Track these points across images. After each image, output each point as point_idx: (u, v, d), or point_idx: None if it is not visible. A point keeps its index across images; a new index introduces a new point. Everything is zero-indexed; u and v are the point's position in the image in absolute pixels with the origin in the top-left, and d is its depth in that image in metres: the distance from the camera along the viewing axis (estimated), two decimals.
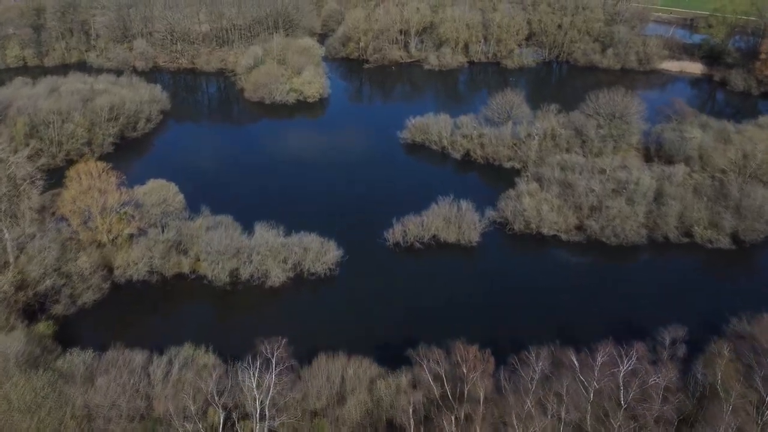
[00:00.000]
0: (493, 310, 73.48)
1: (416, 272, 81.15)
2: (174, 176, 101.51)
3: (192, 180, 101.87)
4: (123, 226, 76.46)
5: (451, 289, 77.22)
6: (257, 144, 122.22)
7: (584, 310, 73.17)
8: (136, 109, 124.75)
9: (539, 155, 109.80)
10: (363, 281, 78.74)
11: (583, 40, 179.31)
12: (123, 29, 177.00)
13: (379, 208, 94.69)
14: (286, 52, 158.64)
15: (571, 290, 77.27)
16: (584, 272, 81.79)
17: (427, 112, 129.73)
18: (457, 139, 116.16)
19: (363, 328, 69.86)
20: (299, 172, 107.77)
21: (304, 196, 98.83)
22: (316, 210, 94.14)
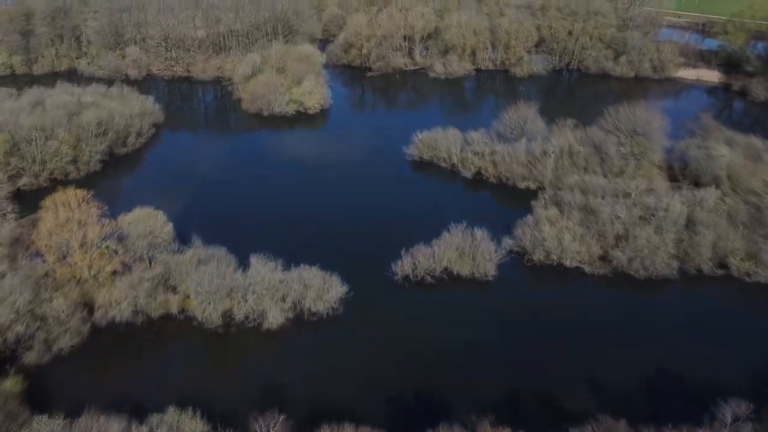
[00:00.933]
0: (516, 358, 66.21)
1: (428, 311, 73.90)
2: (164, 197, 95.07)
3: (183, 202, 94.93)
4: (105, 262, 69.20)
5: (467, 332, 69.94)
6: (254, 161, 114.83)
7: (618, 359, 65.85)
8: (126, 124, 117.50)
9: (556, 174, 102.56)
10: (370, 322, 71.46)
11: (595, 47, 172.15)
12: (115, 35, 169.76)
13: (386, 234, 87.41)
14: (285, 60, 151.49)
15: (600, 335, 70.00)
16: (613, 311, 74.51)
17: (434, 125, 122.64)
18: (468, 157, 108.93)
19: (370, 385, 62.54)
20: (299, 193, 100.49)
21: (304, 220, 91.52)
22: (318, 236, 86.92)
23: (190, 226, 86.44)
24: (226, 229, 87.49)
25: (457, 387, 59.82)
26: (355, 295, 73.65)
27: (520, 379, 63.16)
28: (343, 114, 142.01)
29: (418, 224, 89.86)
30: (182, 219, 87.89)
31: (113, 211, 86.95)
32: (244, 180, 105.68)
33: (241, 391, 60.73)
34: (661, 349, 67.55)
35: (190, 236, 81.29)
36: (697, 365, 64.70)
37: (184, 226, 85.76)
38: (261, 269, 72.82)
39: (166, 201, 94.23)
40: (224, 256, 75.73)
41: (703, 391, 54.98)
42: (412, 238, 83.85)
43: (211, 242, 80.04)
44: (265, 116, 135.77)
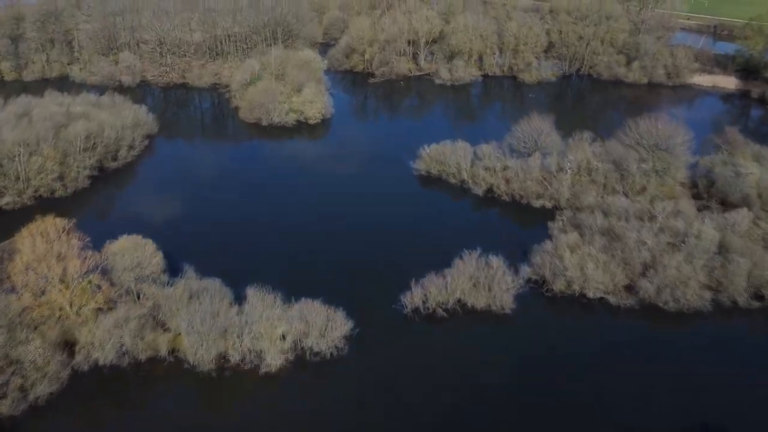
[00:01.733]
0: (537, 400, 60.17)
1: (440, 349, 67.73)
2: (155, 219, 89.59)
3: (175, 225, 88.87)
4: (87, 299, 62.98)
5: (483, 373, 63.91)
6: (252, 178, 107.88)
7: (648, 401, 59.80)
8: (116, 136, 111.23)
9: (573, 192, 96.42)
10: (377, 363, 65.30)
11: (607, 52, 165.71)
12: (109, 40, 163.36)
13: (393, 260, 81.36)
14: (285, 67, 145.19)
15: (628, 374, 63.89)
16: (641, 347, 68.24)
17: (441, 136, 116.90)
18: (479, 172, 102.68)
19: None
20: (299, 214, 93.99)
21: (305, 244, 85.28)
22: (320, 263, 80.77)
23: (182, 252, 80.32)
24: (220, 256, 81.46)
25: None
26: (361, 331, 67.55)
27: (541, 425, 57.13)
28: (346, 124, 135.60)
29: (427, 249, 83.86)
30: (174, 244, 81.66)
31: (100, 235, 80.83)
32: (241, 199, 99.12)
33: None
34: (694, 390, 61.53)
35: (182, 264, 75.15)
36: (734, 408, 58.73)
37: (175, 252, 79.59)
38: (258, 305, 66.62)
39: (156, 223, 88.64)
40: (218, 288, 69.45)
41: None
42: (421, 265, 77.93)
43: (204, 271, 73.87)
44: (264, 126, 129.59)
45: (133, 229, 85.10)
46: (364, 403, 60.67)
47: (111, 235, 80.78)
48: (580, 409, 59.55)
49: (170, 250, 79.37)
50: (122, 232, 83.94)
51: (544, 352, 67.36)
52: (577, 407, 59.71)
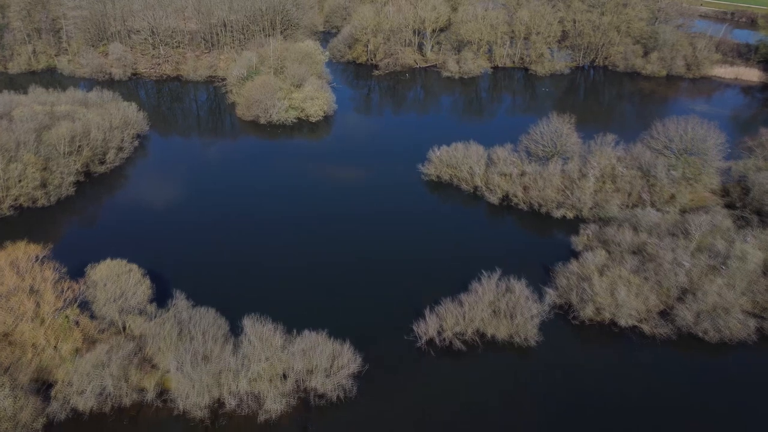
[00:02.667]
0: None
1: (458, 387, 60.85)
2: (144, 234, 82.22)
3: (165, 241, 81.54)
4: (64, 337, 56.07)
5: (506, 414, 57.21)
6: (248, 185, 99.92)
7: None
8: (104, 138, 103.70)
9: (596, 201, 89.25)
10: (388, 404, 58.54)
11: (623, 42, 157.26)
12: (98, 29, 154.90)
13: (404, 283, 74.34)
14: (284, 59, 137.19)
15: (665, 412, 57.18)
16: (679, 382, 61.52)
17: (450, 135, 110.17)
18: (494, 178, 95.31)
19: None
20: (300, 229, 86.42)
21: (307, 265, 77.92)
22: (324, 287, 73.59)
23: (171, 272, 73.62)
24: (214, 278, 74.37)
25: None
26: (370, 369, 60.76)
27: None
28: (349, 122, 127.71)
29: (440, 268, 76.87)
30: (163, 264, 74.88)
31: (83, 252, 74.44)
32: (236, 211, 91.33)
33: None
34: (738, 429, 55.01)
35: (172, 288, 68.19)
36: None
37: (165, 272, 72.96)
38: (256, 340, 59.74)
39: (145, 239, 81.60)
40: (212, 320, 62.51)
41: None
42: (435, 286, 71.50)
43: (197, 295, 66.94)
44: (262, 125, 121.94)
45: (120, 246, 79.10)
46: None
47: (95, 253, 74.33)
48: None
49: (159, 271, 72.88)
50: (107, 249, 77.57)
51: (572, 391, 60.59)
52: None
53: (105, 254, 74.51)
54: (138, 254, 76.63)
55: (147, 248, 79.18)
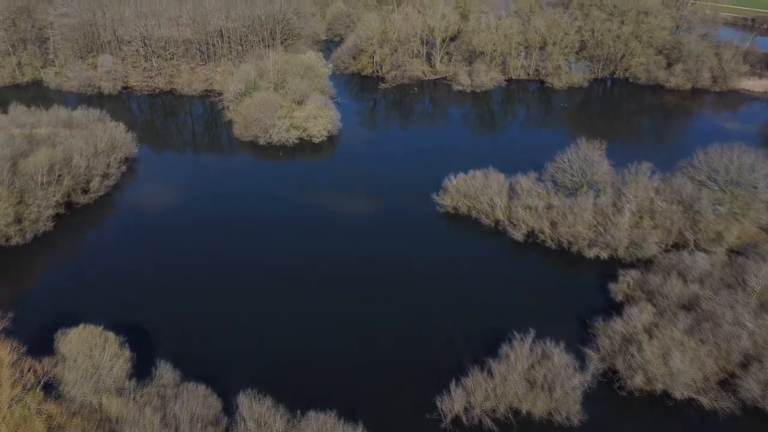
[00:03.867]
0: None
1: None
2: (125, 285, 72.97)
3: (149, 293, 72.04)
4: (25, 429, 46.84)
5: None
6: (245, 218, 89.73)
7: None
8: (87, 165, 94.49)
9: (632, 239, 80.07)
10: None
11: (645, 53, 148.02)
12: (87, 39, 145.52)
13: (421, 342, 65.16)
14: (285, 73, 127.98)
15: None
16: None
17: (465, 157, 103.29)
18: (517, 211, 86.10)
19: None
20: (301, 274, 76.86)
21: (310, 325, 68.35)
22: (331, 351, 64.11)
23: (157, 330, 64.44)
24: (207, 337, 65.05)
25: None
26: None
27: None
28: (354, 142, 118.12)
29: (463, 323, 67.69)
30: (147, 320, 65.65)
31: (54, 312, 65.34)
32: (231, 252, 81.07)
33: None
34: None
35: (156, 350, 59.40)
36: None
37: (148, 330, 63.85)
38: (253, 425, 50.60)
39: (127, 288, 72.26)
40: (202, 397, 53.42)
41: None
42: (457, 346, 63.05)
43: (185, 362, 58.05)
44: (261, 146, 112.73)
45: (99, 297, 70.21)
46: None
47: (69, 307, 66.15)
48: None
49: (142, 325, 63.94)
50: (83, 302, 68.97)
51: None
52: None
53: (80, 308, 66.09)
54: (119, 307, 67.95)
55: (130, 299, 70.07)
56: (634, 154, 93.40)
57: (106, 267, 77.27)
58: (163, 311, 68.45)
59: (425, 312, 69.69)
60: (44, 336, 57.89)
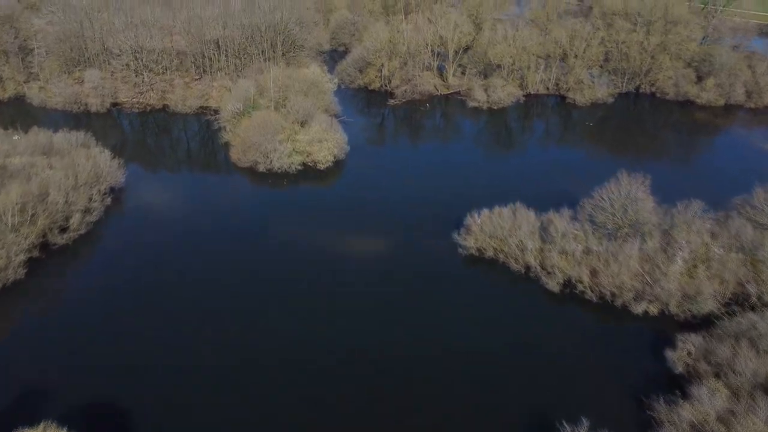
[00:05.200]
0: None
1: None
2: (103, 344, 62.95)
3: (132, 364, 61.71)
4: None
5: None
6: (240, 263, 79.14)
7: None
8: (66, 200, 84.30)
9: (685, 292, 69.91)
10: None
11: (673, 66, 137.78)
12: (74, 51, 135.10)
13: (445, 420, 55.09)
14: (287, 89, 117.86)
15: None
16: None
17: (485, 184, 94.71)
18: (551, 256, 75.92)
19: None
20: (302, 339, 66.74)
21: (315, 401, 58.70)
22: (343, 417, 54.37)
23: (134, 411, 54.27)
24: (189, 417, 54.91)
25: None
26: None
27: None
28: (363, 168, 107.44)
29: (495, 394, 57.65)
30: (128, 412, 55.45)
31: (13, 397, 55.29)
32: (223, 305, 70.87)
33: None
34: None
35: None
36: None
37: (126, 411, 53.73)
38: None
39: (104, 357, 61.98)
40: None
41: None
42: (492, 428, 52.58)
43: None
44: (261, 173, 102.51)
45: (69, 370, 59.91)
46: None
47: (34, 384, 56.04)
48: None
49: (120, 404, 53.72)
50: (51, 378, 58.83)
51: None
52: None
53: (48, 386, 56.11)
54: (97, 380, 57.87)
55: (106, 372, 59.88)
56: (670, 183, 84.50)
57: (83, 324, 67.09)
58: (151, 387, 58.24)
59: (446, 383, 59.53)
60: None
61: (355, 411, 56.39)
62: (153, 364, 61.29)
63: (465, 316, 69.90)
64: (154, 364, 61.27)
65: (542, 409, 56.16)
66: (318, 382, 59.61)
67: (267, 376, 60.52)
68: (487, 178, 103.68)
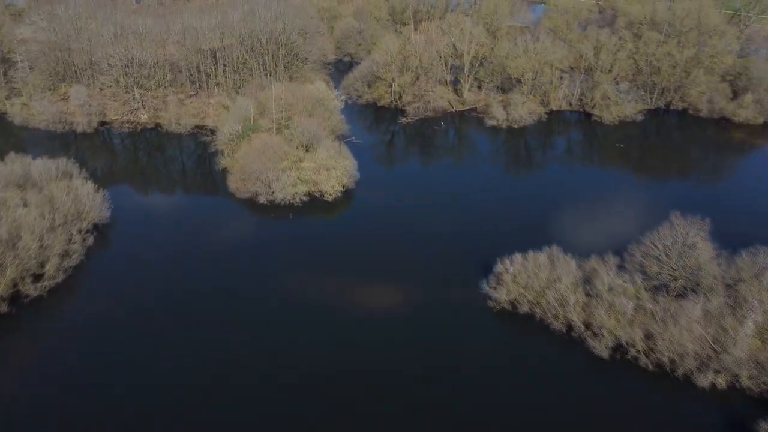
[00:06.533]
0: None
1: None
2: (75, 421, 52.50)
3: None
4: None
5: None
6: (239, 317, 69.52)
7: None
8: (41, 244, 74.15)
9: (758, 361, 59.80)
10: None
11: (707, 81, 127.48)
12: (59, 65, 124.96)
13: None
14: (289, 109, 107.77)
15: None
16: None
17: (512, 220, 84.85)
18: (598, 314, 65.75)
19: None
20: (311, 397, 57.13)
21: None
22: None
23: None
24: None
25: None
26: None
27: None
28: (374, 198, 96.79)
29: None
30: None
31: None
32: (223, 382, 61.70)
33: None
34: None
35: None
36: None
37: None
38: None
39: None
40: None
41: None
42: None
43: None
44: (262, 204, 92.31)
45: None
46: None
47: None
48: None
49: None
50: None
51: None
52: None
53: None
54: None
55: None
56: (723, 221, 73.85)
57: (54, 397, 56.91)
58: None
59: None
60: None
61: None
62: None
63: (499, 387, 59.73)
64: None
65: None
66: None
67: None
68: (511, 208, 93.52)
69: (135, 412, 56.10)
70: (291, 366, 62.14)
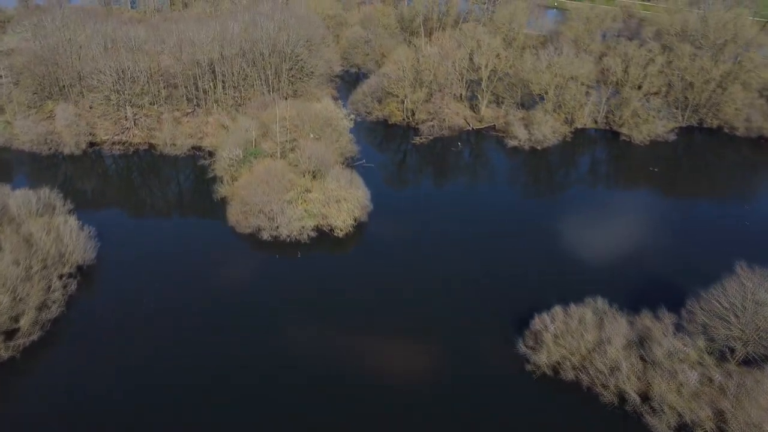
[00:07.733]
0: None
1: None
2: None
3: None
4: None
5: None
6: (236, 382, 60.93)
7: None
8: (15, 297, 65.08)
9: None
10: None
11: (743, 97, 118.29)
12: (46, 81, 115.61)
13: None
14: (295, 130, 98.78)
15: None
16: None
17: (548, 260, 76.05)
18: (657, 386, 56.68)
19: None
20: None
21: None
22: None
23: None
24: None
25: None
26: None
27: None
28: (389, 234, 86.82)
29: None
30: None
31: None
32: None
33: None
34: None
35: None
36: None
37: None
38: None
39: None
40: None
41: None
42: None
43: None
44: (265, 241, 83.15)
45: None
46: None
47: None
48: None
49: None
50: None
51: None
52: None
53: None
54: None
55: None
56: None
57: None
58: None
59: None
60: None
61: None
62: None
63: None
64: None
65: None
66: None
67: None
68: (541, 243, 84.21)
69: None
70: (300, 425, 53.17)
